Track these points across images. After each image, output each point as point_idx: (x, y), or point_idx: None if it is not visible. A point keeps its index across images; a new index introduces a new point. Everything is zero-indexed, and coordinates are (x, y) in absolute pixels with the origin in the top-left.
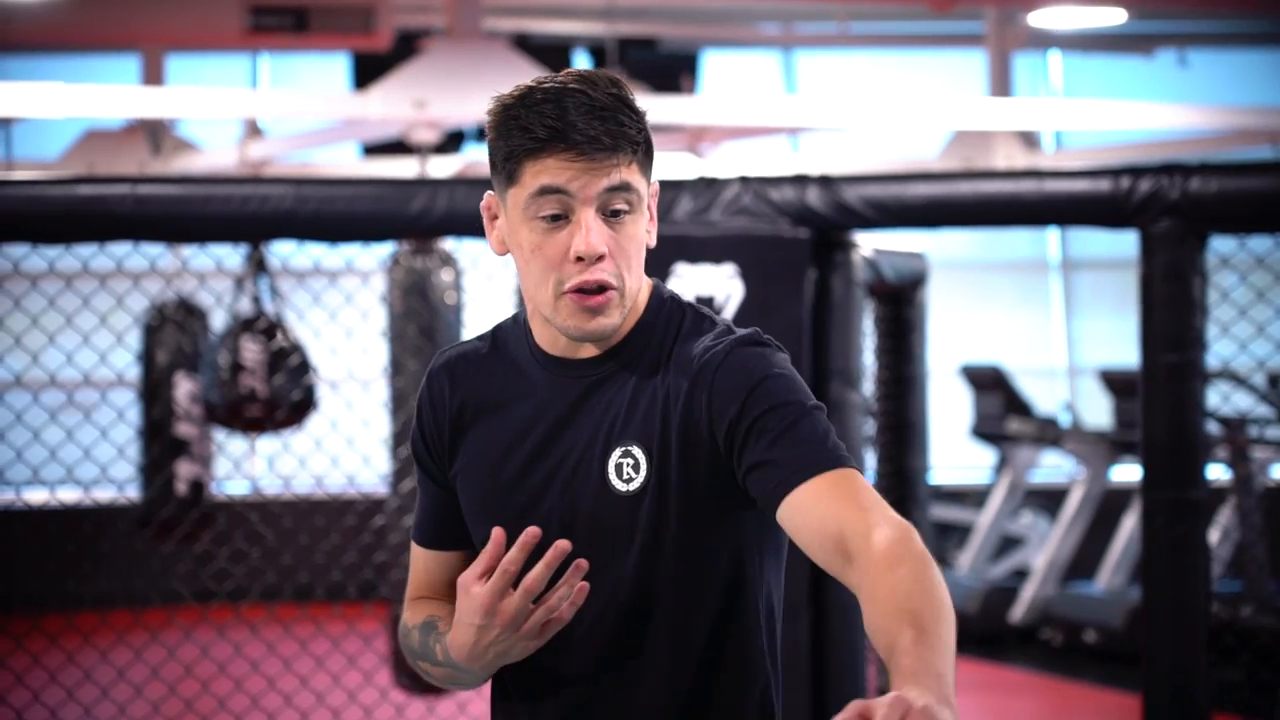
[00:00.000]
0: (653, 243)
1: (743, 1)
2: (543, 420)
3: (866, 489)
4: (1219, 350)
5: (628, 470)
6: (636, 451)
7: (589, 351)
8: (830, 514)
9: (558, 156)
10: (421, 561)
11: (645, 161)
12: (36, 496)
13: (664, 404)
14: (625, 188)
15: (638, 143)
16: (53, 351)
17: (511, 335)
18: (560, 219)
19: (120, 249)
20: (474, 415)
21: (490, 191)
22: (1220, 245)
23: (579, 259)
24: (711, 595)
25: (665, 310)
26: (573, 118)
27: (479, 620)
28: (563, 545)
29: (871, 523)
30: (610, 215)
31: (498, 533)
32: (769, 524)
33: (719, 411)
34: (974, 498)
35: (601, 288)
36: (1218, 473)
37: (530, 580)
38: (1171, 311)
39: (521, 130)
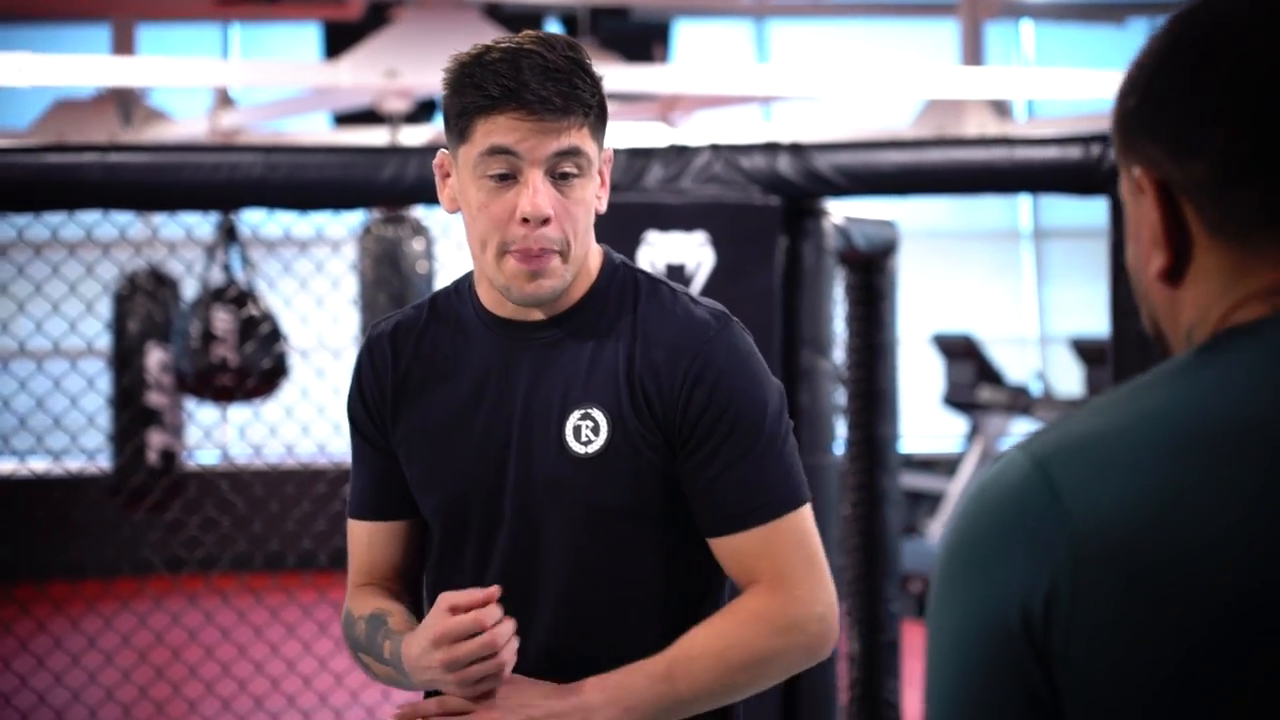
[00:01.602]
0: (603, 208)
1: None
2: (493, 384)
3: (795, 543)
4: None
5: (586, 433)
6: (596, 414)
7: (540, 314)
8: (748, 564)
9: (509, 115)
10: (364, 538)
11: (598, 126)
12: (6, 466)
13: (628, 369)
14: (575, 151)
15: (590, 106)
16: (22, 320)
17: (453, 302)
18: (508, 178)
19: (90, 217)
20: (420, 381)
21: (444, 149)
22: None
23: (524, 220)
24: (667, 558)
25: (619, 277)
26: (526, 78)
27: (430, 640)
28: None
29: (766, 585)
30: (559, 178)
31: (495, 590)
32: None
33: (684, 400)
34: (945, 466)
35: (550, 249)
36: None
37: (490, 640)
38: None
39: (475, 88)
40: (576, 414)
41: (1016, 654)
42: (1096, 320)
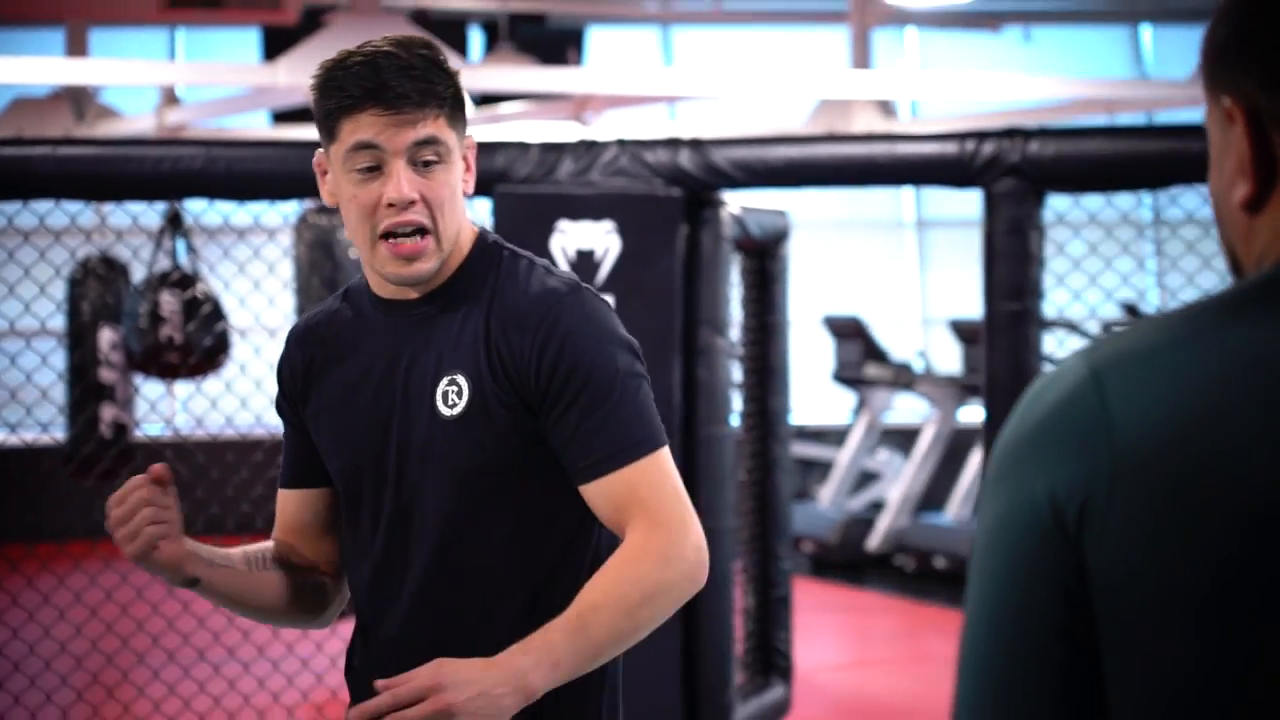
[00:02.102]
0: (470, 191)
1: None
2: (381, 358)
3: (658, 481)
4: (1055, 299)
5: (452, 397)
6: (460, 379)
7: (415, 293)
8: (618, 505)
9: (370, 113)
10: (285, 504)
11: (456, 116)
12: None
13: (487, 335)
14: (433, 140)
15: (444, 98)
16: None
17: (358, 288)
18: (375, 170)
19: (43, 206)
20: (323, 364)
21: (320, 149)
22: (1057, 203)
23: (390, 205)
24: (528, 512)
25: (486, 253)
26: (385, 77)
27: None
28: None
29: (636, 518)
30: (422, 166)
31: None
32: None
33: (538, 356)
34: (834, 436)
35: (418, 230)
36: None
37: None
38: (1012, 264)
39: (338, 90)
40: (445, 380)
41: (1054, 551)
42: (972, 303)
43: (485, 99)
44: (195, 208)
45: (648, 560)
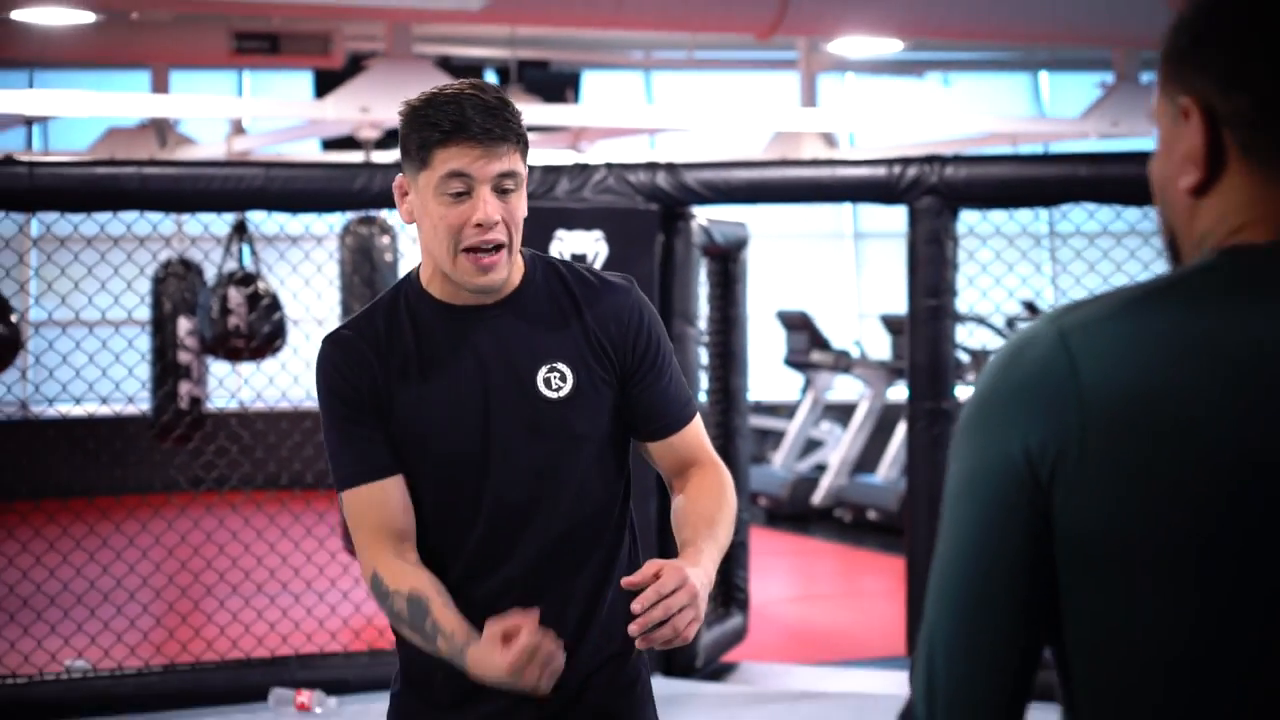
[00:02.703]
0: (524, 214)
1: (613, 33)
2: (461, 358)
3: (703, 432)
4: (966, 297)
5: (555, 382)
6: (562, 366)
7: (485, 299)
8: (686, 453)
9: (460, 145)
10: (374, 499)
11: (524, 151)
12: (66, 408)
13: (583, 328)
14: (511, 173)
15: (520, 136)
16: (77, 296)
17: (400, 306)
18: (464, 195)
19: (130, 216)
20: (400, 369)
21: (400, 175)
22: (968, 217)
23: (478, 225)
24: (617, 468)
25: (543, 265)
26: (470, 114)
27: (504, 672)
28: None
29: (702, 461)
30: (500, 193)
31: (535, 613)
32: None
33: (629, 337)
34: (785, 410)
35: (497, 246)
36: (969, 393)
37: (548, 653)
38: (931, 268)
39: (431, 125)
40: (545, 368)
41: (1024, 498)
42: (899, 301)
43: None
44: (257, 218)
45: (728, 487)
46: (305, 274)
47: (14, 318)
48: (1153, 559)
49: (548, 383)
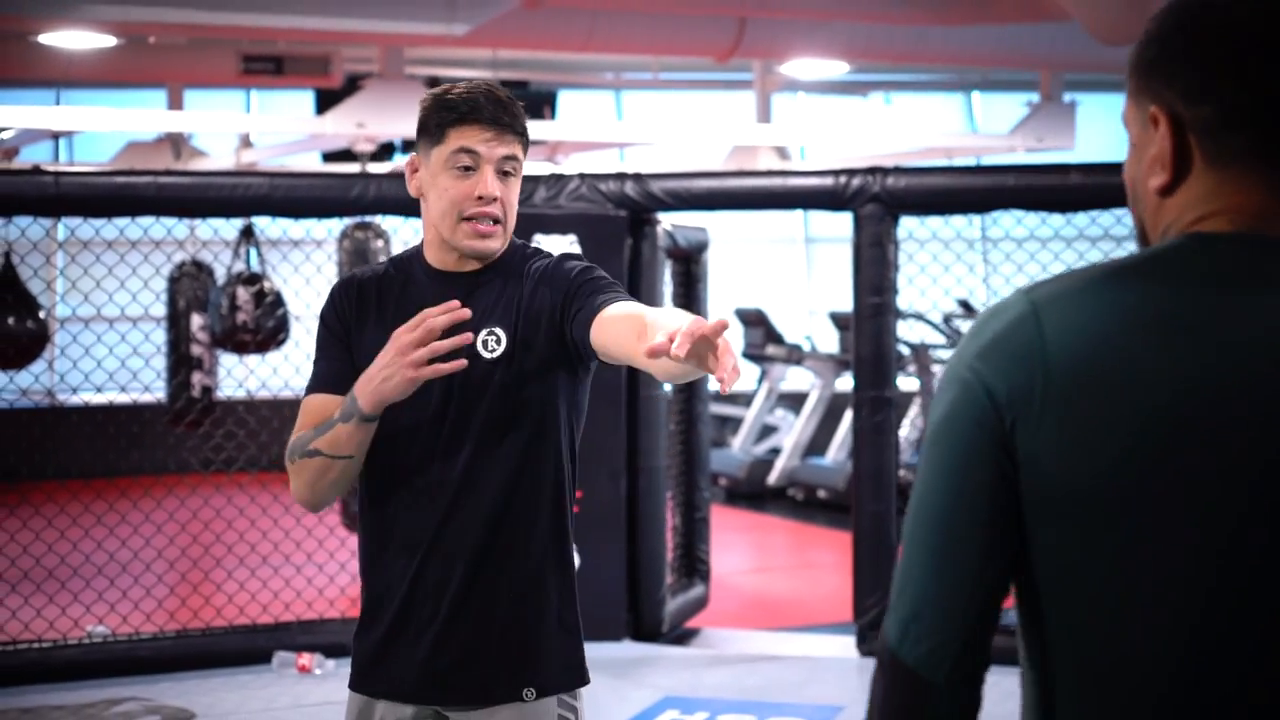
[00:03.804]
0: (517, 201)
1: (586, 55)
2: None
3: (651, 308)
4: (906, 296)
5: (491, 344)
6: (499, 330)
7: (468, 267)
8: (633, 315)
9: (473, 126)
10: (319, 405)
11: (525, 146)
12: (87, 396)
13: (517, 299)
14: (514, 158)
15: (523, 130)
16: (98, 294)
17: (404, 263)
18: (470, 170)
19: (147, 221)
20: (371, 313)
21: (413, 154)
22: (907, 223)
23: (479, 198)
24: (544, 432)
25: (519, 248)
26: (483, 103)
27: (390, 352)
28: (458, 309)
29: (659, 314)
30: (502, 175)
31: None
32: (578, 385)
33: (555, 293)
34: (743, 399)
35: (494, 219)
36: (909, 383)
37: (427, 314)
38: (874, 269)
39: (449, 108)
40: (484, 331)
41: (993, 439)
42: (845, 299)
43: None
44: (262, 223)
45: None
46: (306, 274)
47: (41, 314)
48: (1103, 503)
49: (485, 344)
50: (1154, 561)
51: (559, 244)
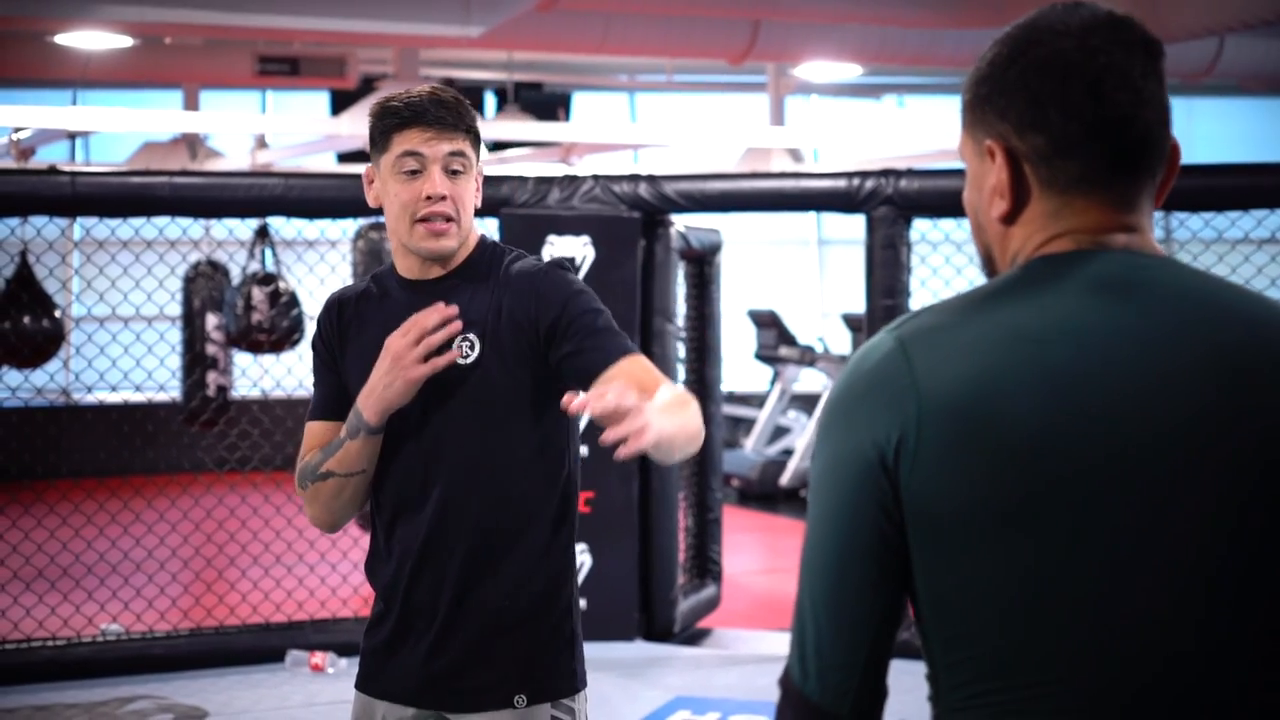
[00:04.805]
0: (479, 204)
1: (600, 58)
2: (403, 323)
3: (651, 367)
4: (919, 298)
5: (465, 349)
6: (472, 336)
7: (436, 273)
8: (644, 382)
9: (416, 129)
10: (318, 432)
11: (475, 142)
12: (104, 395)
13: (497, 303)
14: (460, 154)
15: (469, 126)
16: (114, 293)
17: (382, 276)
18: (416, 173)
19: (163, 221)
20: (356, 329)
21: (369, 165)
22: (920, 225)
23: (428, 198)
24: (526, 439)
25: (490, 249)
26: (425, 105)
27: (386, 360)
28: (448, 312)
29: (662, 382)
30: (450, 173)
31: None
32: (562, 389)
33: (543, 311)
34: (756, 400)
35: (446, 218)
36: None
37: (416, 318)
38: (886, 271)
39: (392, 114)
40: (458, 337)
41: (875, 481)
42: (858, 300)
43: (496, 146)
44: (277, 224)
45: (688, 398)
46: (321, 274)
47: (57, 313)
48: (980, 524)
49: (460, 349)
50: (1033, 577)
51: (573, 245)
